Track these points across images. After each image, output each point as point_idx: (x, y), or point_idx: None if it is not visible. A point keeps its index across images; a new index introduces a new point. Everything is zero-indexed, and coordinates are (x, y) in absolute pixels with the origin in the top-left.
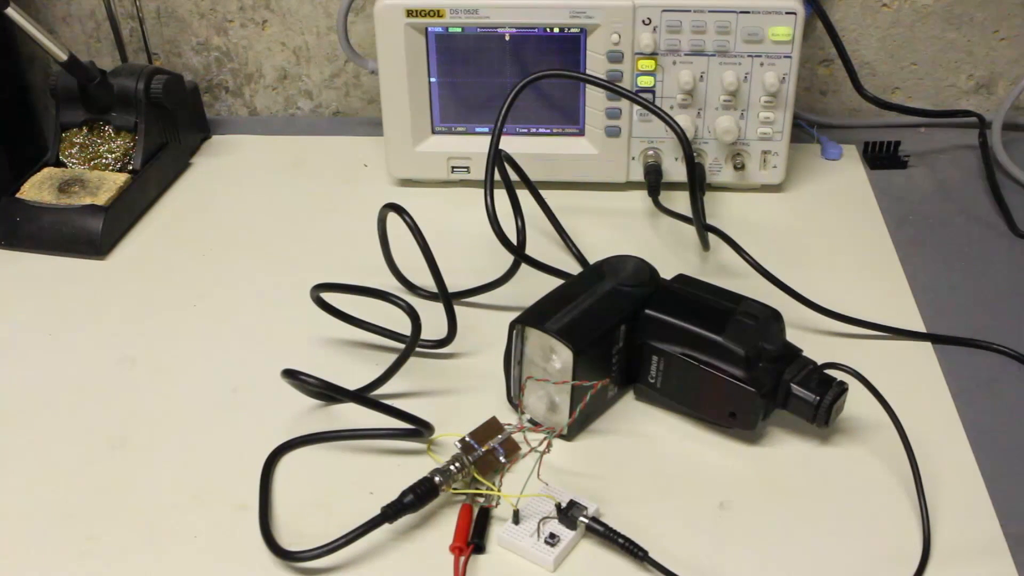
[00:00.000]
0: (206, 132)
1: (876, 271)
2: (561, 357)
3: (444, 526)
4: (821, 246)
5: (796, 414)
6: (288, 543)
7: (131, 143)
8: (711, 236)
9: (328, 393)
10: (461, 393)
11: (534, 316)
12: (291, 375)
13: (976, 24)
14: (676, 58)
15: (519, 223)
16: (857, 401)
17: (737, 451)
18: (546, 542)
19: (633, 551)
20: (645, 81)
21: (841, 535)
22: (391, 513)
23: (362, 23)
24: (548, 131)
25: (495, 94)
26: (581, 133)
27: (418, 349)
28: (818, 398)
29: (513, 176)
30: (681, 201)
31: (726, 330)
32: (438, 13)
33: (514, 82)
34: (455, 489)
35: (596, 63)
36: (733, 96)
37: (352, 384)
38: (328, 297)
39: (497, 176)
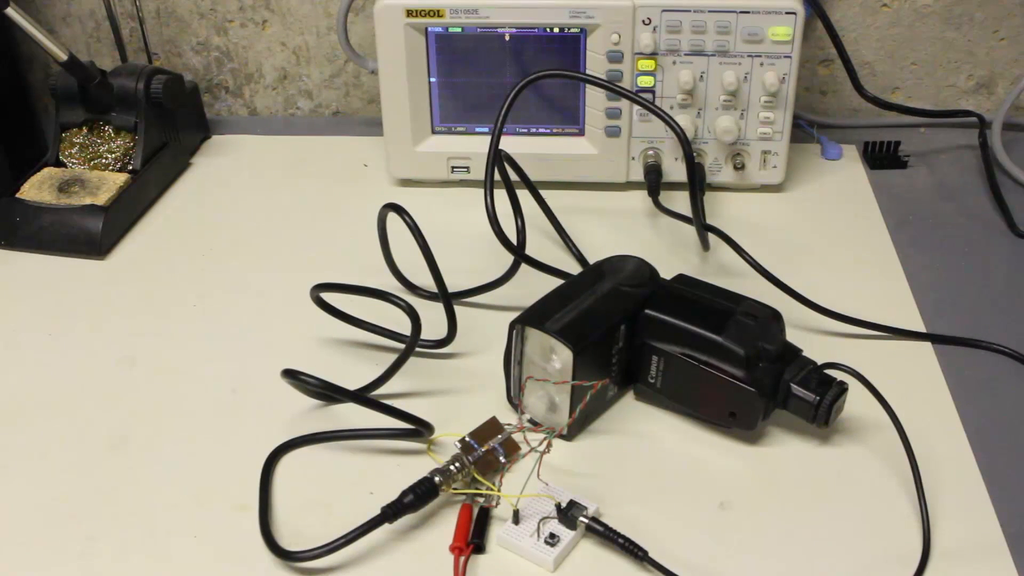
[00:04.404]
0: (206, 132)
1: (876, 271)
2: (561, 357)
3: (444, 526)
4: (821, 246)
5: (796, 414)
6: (288, 543)
7: (131, 143)
8: (711, 236)
9: (328, 393)
10: (461, 393)
11: (534, 316)
12: (291, 375)
13: (976, 24)
14: (676, 58)
15: (519, 223)
16: (857, 401)
17: (737, 451)
18: (546, 542)
19: (633, 551)
20: (645, 81)
21: (841, 535)
22: (391, 513)
23: (362, 23)
24: (548, 131)
25: (495, 94)
26: (581, 133)
27: (418, 349)
28: (818, 398)
29: (513, 176)
30: (681, 201)
31: (726, 330)
32: (438, 13)
33: (514, 82)
34: (455, 489)
35: (596, 63)
36: (733, 96)
37: (352, 384)
38: (328, 297)
39: (497, 176)
